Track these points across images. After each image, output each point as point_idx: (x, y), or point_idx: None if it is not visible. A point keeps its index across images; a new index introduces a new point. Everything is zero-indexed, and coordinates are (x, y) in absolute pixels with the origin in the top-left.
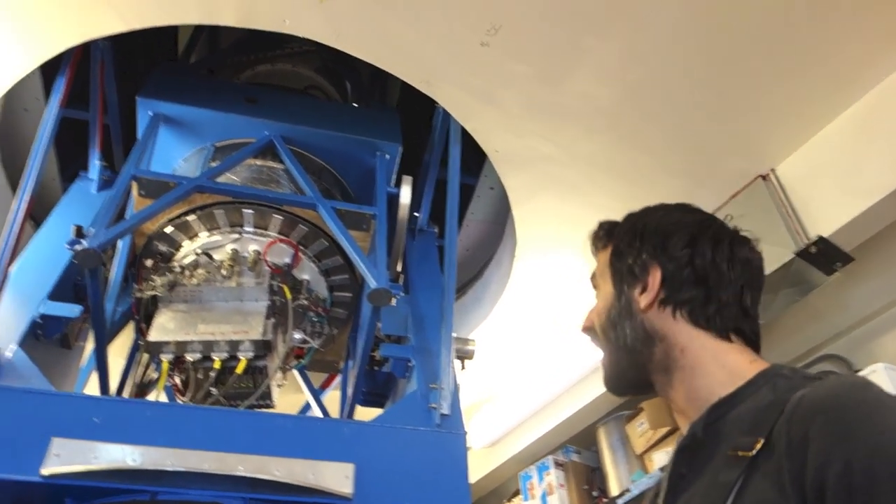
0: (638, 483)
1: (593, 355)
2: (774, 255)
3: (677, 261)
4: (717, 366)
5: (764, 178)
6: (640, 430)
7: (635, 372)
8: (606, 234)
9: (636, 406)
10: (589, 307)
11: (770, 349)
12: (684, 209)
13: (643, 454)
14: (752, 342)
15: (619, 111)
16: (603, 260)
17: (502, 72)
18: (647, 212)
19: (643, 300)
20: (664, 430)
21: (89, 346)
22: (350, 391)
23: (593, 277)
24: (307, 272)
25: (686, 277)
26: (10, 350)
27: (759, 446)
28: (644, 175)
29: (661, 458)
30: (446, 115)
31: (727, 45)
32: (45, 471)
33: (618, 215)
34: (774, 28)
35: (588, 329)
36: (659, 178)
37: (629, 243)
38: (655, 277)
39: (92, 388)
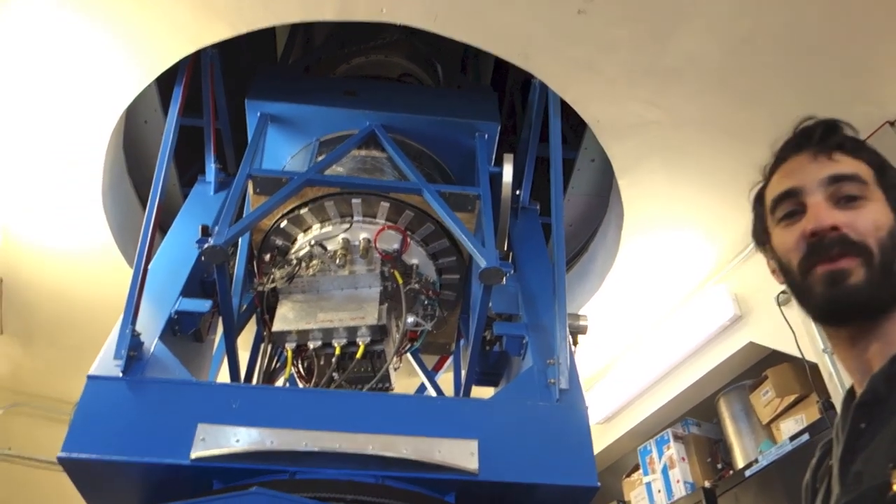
0: (767, 454)
1: (709, 325)
2: None
3: None
4: None
5: (892, 123)
6: (766, 399)
7: (886, 300)
8: (860, 147)
9: (760, 374)
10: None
11: None
12: None
13: (770, 423)
14: None
15: (729, 67)
16: (866, 172)
17: (601, 38)
18: None
19: None
20: (792, 398)
21: (217, 338)
22: (464, 371)
23: (849, 179)
24: (416, 256)
25: None
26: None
27: None
28: (758, 133)
29: (790, 426)
30: (543, 88)
31: None
32: (194, 454)
33: (731, 177)
34: None
35: (845, 234)
36: (774, 134)
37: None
38: None
39: (222, 377)
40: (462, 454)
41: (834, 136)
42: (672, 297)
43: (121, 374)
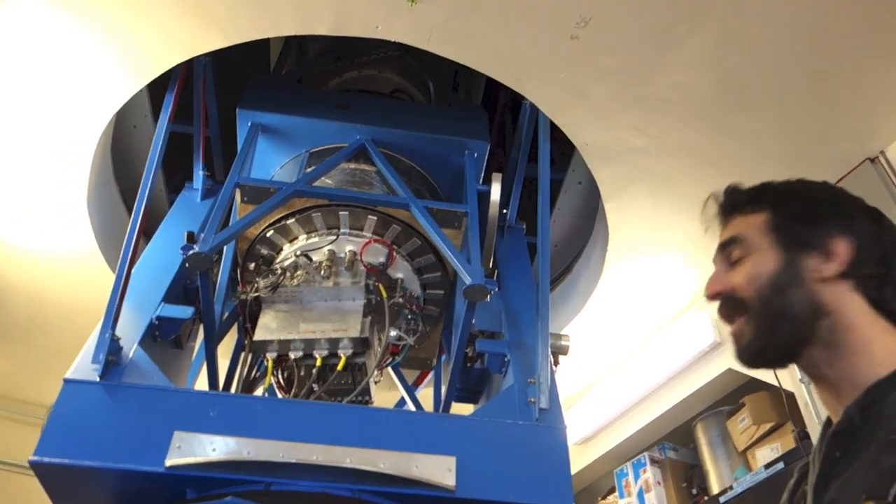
0: (741, 480)
1: (689, 350)
2: None
3: (868, 236)
4: (881, 346)
5: (872, 160)
6: (742, 426)
7: (790, 343)
8: (753, 199)
9: (737, 401)
10: (697, 281)
11: None
12: (838, 188)
13: (746, 450)
14: None
15: (715, 99)
16: (753, 224)
17: (593, 64)
18: (803, 183)
19: (825, 270)
20: (768, 426)
21: (197, 345)
22: (445, 387)
23: (730, 243)
24: (401, 271)
25: (873, 254)
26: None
27: None
28: (742, 164)
29: (766, 454)
30: (533, 110)
31: (829, 24)
32: (169, 462)
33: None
34: (880, 2)
35: (726, 295)
36: (758, 167)
37: (805, 211)
38: (846, 250)
39: (200, 385)
40: (440, 470)
41: (728, 203)
42: (653, 322)
43: (98, 379)
